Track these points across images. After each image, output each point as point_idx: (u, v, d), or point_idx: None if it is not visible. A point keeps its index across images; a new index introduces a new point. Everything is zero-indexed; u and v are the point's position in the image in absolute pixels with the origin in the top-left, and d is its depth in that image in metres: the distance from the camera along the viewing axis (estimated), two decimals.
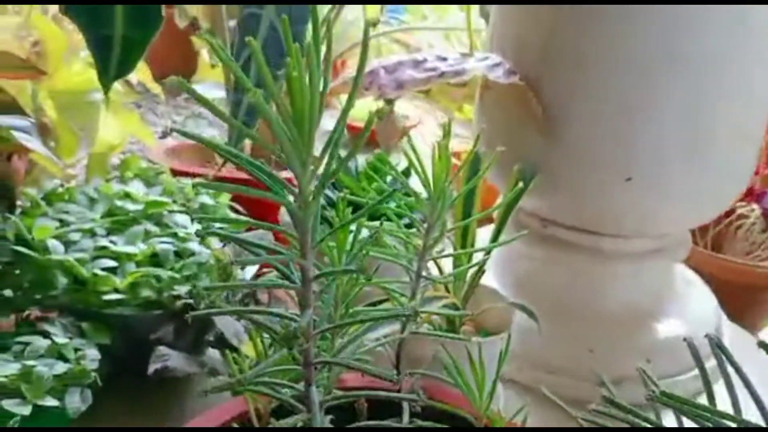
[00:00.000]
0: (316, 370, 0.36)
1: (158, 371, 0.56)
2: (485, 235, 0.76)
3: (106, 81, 0.61)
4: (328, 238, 0.33)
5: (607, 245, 0.73)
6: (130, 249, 0.67)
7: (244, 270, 0.70)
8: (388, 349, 0.56)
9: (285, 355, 0.33)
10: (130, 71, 0.61)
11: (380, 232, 0.39)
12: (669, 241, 0.76)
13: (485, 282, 0.67)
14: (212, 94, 0.99)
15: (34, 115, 0.70)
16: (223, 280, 0.65)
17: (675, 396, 0.34)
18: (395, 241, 0.52)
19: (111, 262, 0.65)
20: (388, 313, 0.37)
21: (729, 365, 0.40)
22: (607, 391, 0.40)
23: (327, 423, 0.35)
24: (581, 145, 0.67)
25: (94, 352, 0.59)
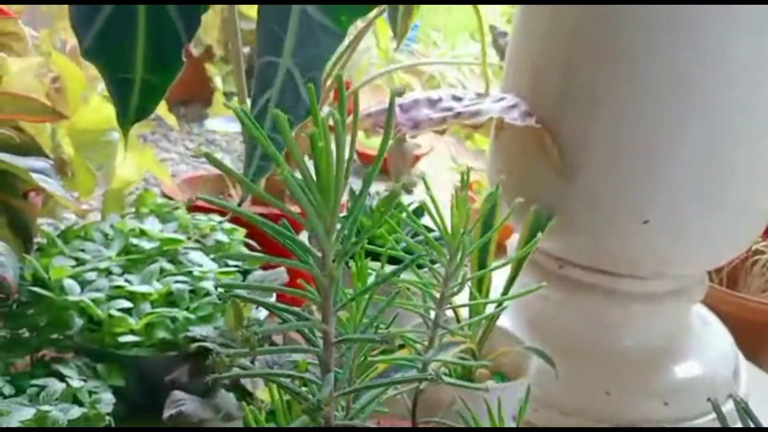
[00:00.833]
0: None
1: (173, 417, 0.56)
2: (500, 271, 0.76)
3: (125, 123, 0.61)
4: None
5: (623, 286, 0.72)
6: (146, 288, 0.67)
7: (258, 309, 0.70)
8: (406, 396, 0.55)
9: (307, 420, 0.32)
10: (150, 114, 0.61)
11: (403, 290, 0.39)
12: (686, 282, 0.75)
13: (499, 322, 0.67)
14: (228, 127, 1.00)
15: (53, 153, 0.70)
16: (238, 321, 0.65)
17: None
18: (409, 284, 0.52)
19: (126, 303, 0.65)
20: (411, 377, 0.37)
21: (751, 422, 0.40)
22: None
23: None
24: (598, 187, 0.67)
25: (109, 396, 0.58)
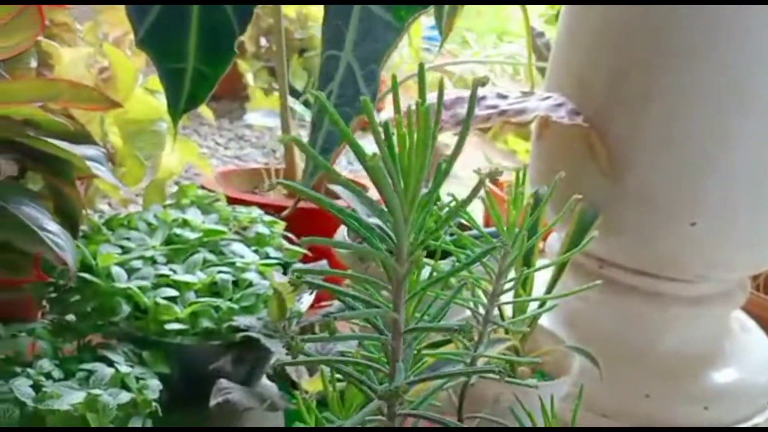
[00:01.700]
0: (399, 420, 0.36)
1: (220, 405, 0.56)
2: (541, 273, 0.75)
3: (175, 113, 0.62)
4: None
5: (666, 289, 0.72)
6: (190, 278, 0.67)
7: (300, 301, 0.70)
8: (451, 392, 0.55)
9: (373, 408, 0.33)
10: (201, 104, 0.62)
11: (468, 284, 0.39)
12: (729, 286, 0.75)
13: (539, 321, 0.67)
14: (266, 121, 1.00)
15: (101, 142, 0.71)
16: (281, 312, 0.65)
17: None
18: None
19: (172, 291, 0.66)
20: (473, 369, 0.37)
21: None
22: None
23: None
24: (645, 188, 0.66)
25: (156, 383, 0.59)
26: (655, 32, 0.64)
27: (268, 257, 0.75)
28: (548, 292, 0.65)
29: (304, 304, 0.70)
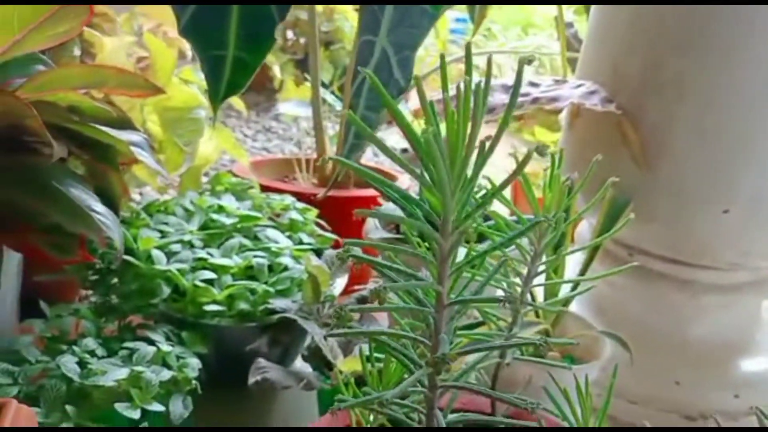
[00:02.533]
0: (438, 393, 0.37)
1: (258, 383, 0.58)
2: (571, 259, 0.76)
3: (215, 100, 0.64)
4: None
5: (698, 277, 0.72)
6: (227, 262, 0.69)
7: (333, 285, 0.71)
8: (483, 373, 0.56)
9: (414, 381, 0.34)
10: (240, 91, 0.63)
11: (508, 262, 0.40)
12: (761, 275, 0.74)
13: (569, 307, 0.67)
14: (298, 111, 1.02)
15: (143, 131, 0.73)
16: (316, 295, 0.67)
17: None
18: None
19: (209, 274, 0.67)
20: (514, 342, 0.38)
21: None
22: None
23: None
24: (678, 176, 0.66)
25: (195, 361, 0.61)
26: (690, 21, 0.64)
27: (302, 243, 0.77)
28: (574, 286, 0.65)
29: (338, 288, 0.72)
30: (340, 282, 0.72)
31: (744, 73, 0.63)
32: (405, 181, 1.04)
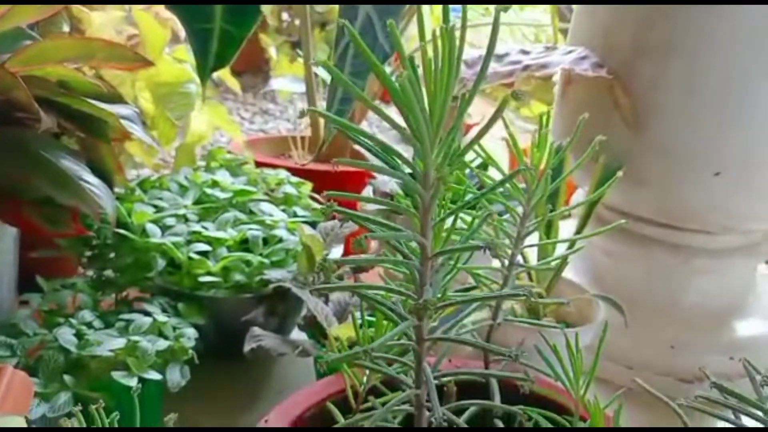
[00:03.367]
0: (426, 347, 0.37)
1: (254, 350, 0.58)
2: (565, 229, 0.76)
3: (203, 73, 0.64)
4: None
5: (690, 241, 0.72)
6: (222, 234, 0.69)
7: (328, 255, 0.72)
8: (476, 335, 0.57)
9: (399, 332, 0.34)
10: (227, 64, 0.63)
11: (492, 216, 0.40)
12: (754, 239, 0.75)
13: (563, 274, 0.68)
14: (292, 87, 1.02)
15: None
16: (310, 265, 0.67)
17: None
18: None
19: (204, 246, 0.68)
20: (507, 292, 0.38)
21: None
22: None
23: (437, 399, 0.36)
24: (669, 139, 0.67)
25: (191, 331, 0.61)
26: None
27: (296, 216, 0.77)
28: (573, 242, 0.66)
29: (333, 258, 0.72)
30: (335, 252, 0.72)
31: (731, 37, 0.62)
32: None
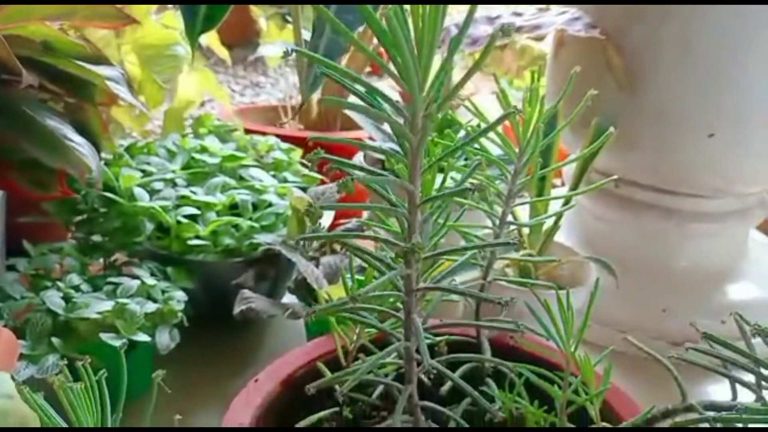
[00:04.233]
0: (416, 298, 0.37)
1: (243, 312, 0.58)
2: (557, 193, 0.76)
3: (192, 35, 0.63)
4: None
5: (684, 205, 0.72)
6: (211, 199, 0.69)
7: (320, 221, 0.71)
8: (467, 299, 0.56)
9: (386, 282, 0.33)
10: (215, 27, 0.62)
11: (482, 164, 0.39)
12: (748, 203, 0.75)
13: (556, 238, 0.67)
14: (281, 53, 1.00)
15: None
16: (300, 229, 0.66)
17: None
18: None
19: (193, 210, 0.67)
20: (497, 241, 0.37)
21: None
22: None
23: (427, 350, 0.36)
24: (663, 100, 0.66)
25: (180, 294, 0.61)
26: None
27: (286, 181, 0.76)
28: (568, 199, 0.65)
29: (323, 222, 0.71)
30: (326, 217, 0.71)
31: None
32: None
